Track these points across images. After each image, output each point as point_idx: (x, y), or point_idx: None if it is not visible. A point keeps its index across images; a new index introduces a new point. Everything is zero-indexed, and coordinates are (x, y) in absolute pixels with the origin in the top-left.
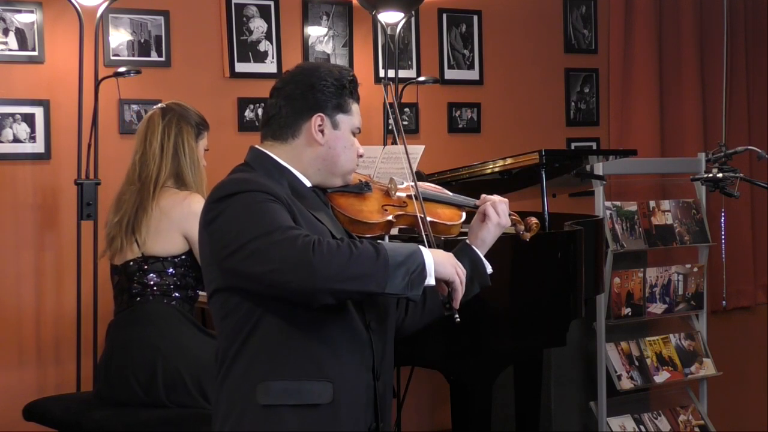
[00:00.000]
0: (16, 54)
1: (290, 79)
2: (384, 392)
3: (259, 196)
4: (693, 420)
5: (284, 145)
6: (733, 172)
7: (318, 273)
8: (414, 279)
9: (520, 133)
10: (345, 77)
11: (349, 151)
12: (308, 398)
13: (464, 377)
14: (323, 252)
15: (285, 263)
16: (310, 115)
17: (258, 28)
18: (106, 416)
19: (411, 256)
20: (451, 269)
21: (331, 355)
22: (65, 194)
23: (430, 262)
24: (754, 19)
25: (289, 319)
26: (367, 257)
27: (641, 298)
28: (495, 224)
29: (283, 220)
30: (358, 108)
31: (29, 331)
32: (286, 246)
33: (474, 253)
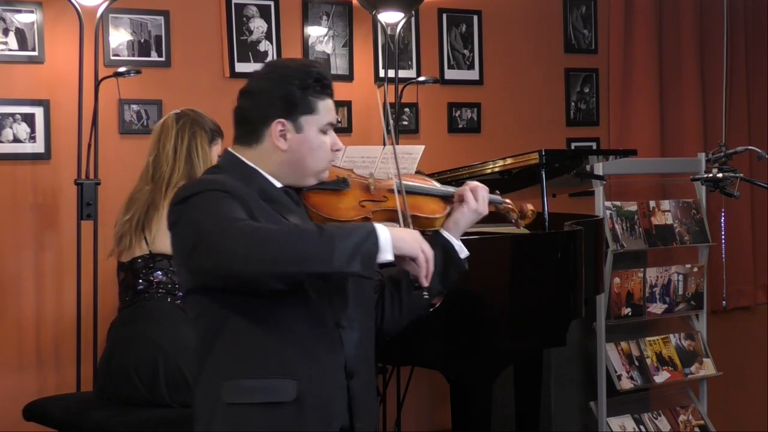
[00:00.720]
0: (16, 54)
1: (253, 82)
2: (361, 391)
3: (215, 194)
4: (693, 420)
5: (251, 149)
6: (733, 172)
7: (258, 258)
8: (365, 254)
9: (520, 133)
10: (308, 77)
11: (317, 152)
12: (272, 396)
13: (464, 377)
14: (263, 237)
15: (228, 254)
16: (271, 122)
17: (258, 28)
18: (106, 416)
19: (361, 233)
20: (413, 245)
21: (297, 353)
22: (65, 194)
23: (386, 237)
24: (754, 19)
25: (255, 317)
26: (310, 237)
27: (641, 298)
28: (471, 209)
29: (231, 212)
30: (330, 103)
31: (29, 331)
32: (228, 236)
33: (444, 239)
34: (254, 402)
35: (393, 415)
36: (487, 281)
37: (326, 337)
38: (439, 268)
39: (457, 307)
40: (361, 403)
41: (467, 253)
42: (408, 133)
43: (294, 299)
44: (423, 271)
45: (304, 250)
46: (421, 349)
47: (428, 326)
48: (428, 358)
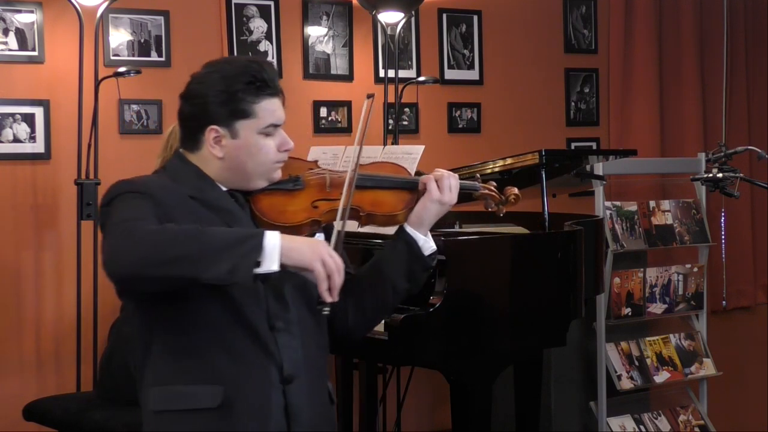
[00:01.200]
0: (16, 54)
1: (191, 85)
2: (302, 396)
3: (131, 196)
4: (693, 420)
5: (193, 154)
6: (733, 172)
7: (125, 259)
8: (240, 263)
9: (520, 133)
10: (239, 81)
11: (256, 157)
12: (194, 402)
13: (464, 377)
14: (136, 237)
15: (109, 255)
16: (205, 129)
17: (258, 28)
18: (106, 416)
19: (243, 239)
20: (309, 256)
21: (224, 358)
22: (65, 194)
23: (273, 245)
24: (754, 19)
25: (180, 323)
26: (184, 239)
27: (641, 298)
28: (434, 200)
29: (131, 215)
30: (272, 102)
31: (29, 331)
32: (112, 238)
33: (407, 235)
34: (177, 409)
35: (393, 415)
36: (487, 281)
37: (258, 341)
38: (405, 265)
39: (457, 307)
40: (304, 409)
41: (434, 248)
42: (408, 133)
43: (220, 303)
44: (322, 284)
45: (177, 254)
46: (421, 349)
47: (428, 326)
48: (428, 358)
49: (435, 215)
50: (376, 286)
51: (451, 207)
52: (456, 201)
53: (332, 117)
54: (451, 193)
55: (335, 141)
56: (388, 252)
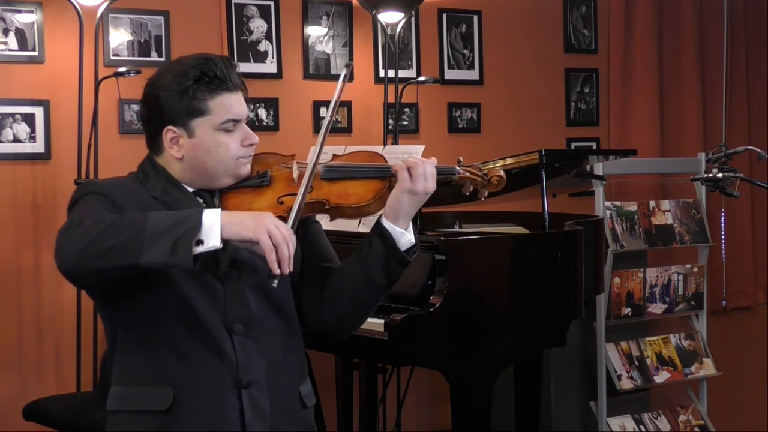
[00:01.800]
0: (16, 54)
1: (146, 87)
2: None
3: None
4: (693, 420)
5: (158, 157)
6: (733, 172)
7: (67, 252)
8: (179, 243)
9: (520, 133)
10: (186, 79)
11: (215, 154)
12: (144, 404)
13: (464, 377)
14: (75, 230)
15: (55, 250)
16: (161, 131)
17: (258, 28)
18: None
19: (180, 220)
20: (253, 227)
21: (177, 360)
22: (65, 194)
23: (212, 223)
24: (754, 19)
25: (137, 324)
26: (121, 228)
27: (641, 298)
28: (406, 190)
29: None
30: (228, 98)
31: (29, 331)
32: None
33: (382, 228)
34: (129, 410)
35: (393, 415)
36: (487, 281)
37: (214, 343)
38: (381, 260)
39: (457, 307)
40: (264, 415)
41: (412, 242)
42: (408, 133)
43: (173, 304)
44: (270, 255)
45: (113, 243)
46: (421, 349)
47: (428, 326)
48: (428, 358)
49: (411, 206)
50: (353, 282)
51: (428, 195)
52: (434, 189)
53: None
54: (426, 181)
55: (335, 141)
56: (365, 247)
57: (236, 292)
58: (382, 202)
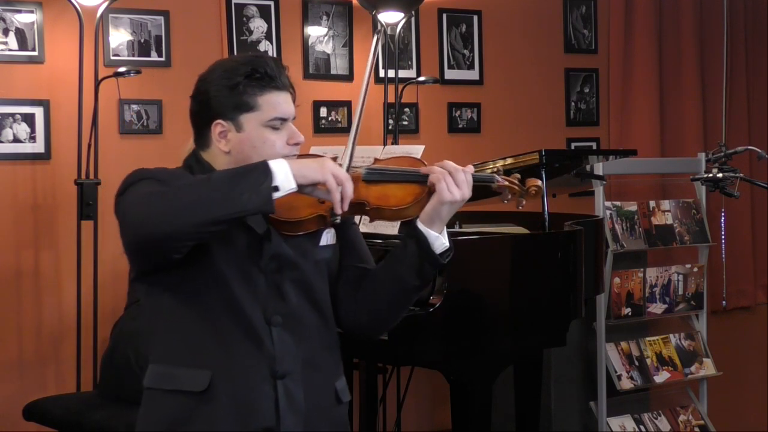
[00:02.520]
0: (16, 54)
1: (197, 84)
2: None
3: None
4: (693, 420)
5: (206, 153)
6: (733, 172)
7: (145, 219)
8: (261, 190)
9: (520, 133)
10: (238, 74)
11: (261, 150)
12: (181, 384)
13: (464, 377)
14: (150, 199)
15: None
16: (211, 124)
17: (258, 28)
18: (106, 416)
19: (250, 170)
20: (321, 170)
21: (216, 345)
22: (65, 194)
23: (282, 170)
24: (754, 19)
25: (181, 306)
26: (197, 185)
27: (641, 298)
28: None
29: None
30: (276, 96)
31: (29, 331)
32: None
33: (418, 232)
34: (164, 388)
35: (393, 415)
36: (487, 281)
37: (252, 334)
38: (415, 262)
39: (457, 307)
40: (296, 407)
41: (446, 246)
42: (408, 133)
43: (217, 292)
44: (335, 195)
45: (196, 199)
46: (421, 349)
47: (428, 326)
48: (428, 358)
49: (447, 212)
50: (387, 283)
51: (464, 202)
52: (470, 195)
53: (332, 117)
54: (461, 189)
55: (335, 141)
56: (400, 249)
57: (277, 286)
58: (420, 207)
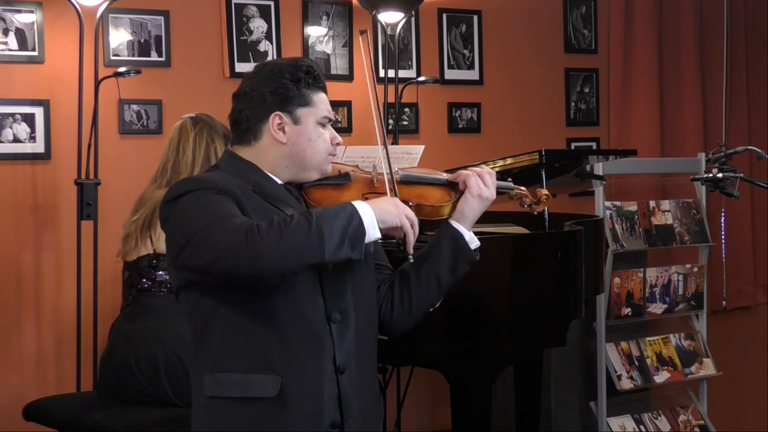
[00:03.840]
0: (16, 54)
1: (247, 82)
2: (354, 387)
3: (205, 192)
4: (693, 420)
5: (249, 148)
6: (733, 172)
7: (255, 254)
8: (353, 237)
9: (520, 133)
10: (299, 70)
11: (315, 143)
12: (252, 391)
13: (464, 377)
14: (256, 233)
15: (224, 250)
16: (268, 116)
17: (258, 28)
18: (106, 416)
19: (345, 216)
20: (395, 215)
21: (281, 347)
22: (65, 194)
23: (369, 216)
24: (754, 19)
25: (241, 311)
26: (300, 229)
27: (641, 298)
28: (476, 196)
29: (224, 209)
30: (324, 96)
31: (29, 331)
32: (222, 232)
33: (453, 229)
34: (233, 396)
35: (393, 415)
36: (488, 281)
37: (315, 331)
38: (450, 259)
39: (458, 307)
40: (354, 399)
41: (478, 244)
42: (408, 133)
43: (281, 293)
44: (410, 237)
45: (297, 243)
46: (421, 348)
47: (428, 326)
48: (428, 357)
49: (478, 211)
50: (421, 280)
51: (491, 202)
52: (494, 197)
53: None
54: (490, 188)
55: None
56: (434, 247)
57: (334, 282)
58: (453, 208)
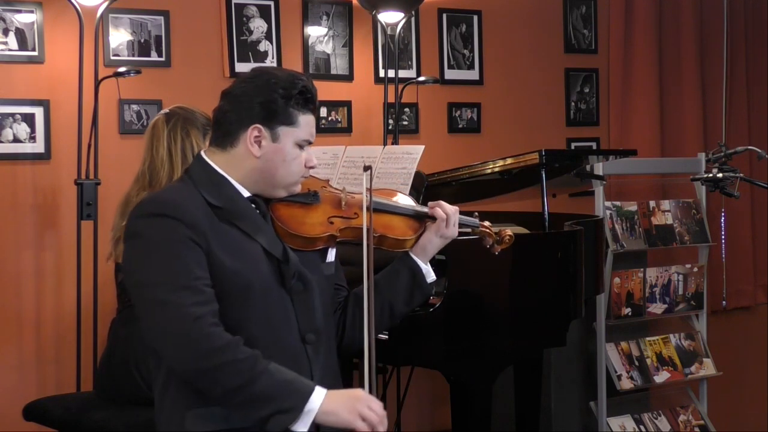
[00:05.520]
0: (16, 54)
1: (240, 84)
2: None
3: (174, 231)
4: (693, 420)
5: (224, 153)
6: (733, 172)
7: (185, 355)
8: (277, 417)
9: (520, 133)
10: (294, 88)
11: (289, 165)
12: (235, 422)
13: (464, 377)
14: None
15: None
16: (248, 126)
17: (258, 28)
18: (106, 416)
19: (288, 394)
20: (346, 417)
21: None
22: (65, 194)
23: (312, 408)
24: (754, 19)
25: None
26: (237, 370)
27: (641, 298)
28: (439, 236)
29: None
30: (311, 119)
31: (29, 330)
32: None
33: (412, 262)
34: (215, 430)
35: (393, 415)
36: (487, 281)
37: (291, 354)
38: (406, 291)
39: (457, 307)
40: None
41: (434, 278)
42: (408, 133)
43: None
44: None
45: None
46: (421, 349)
47: (428, 326)
48: (428, 358)
49: (438, 247)
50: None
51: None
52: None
53: (332, 117)
54: (455, 227)
55: (335, 141)
56: (392, 276)
57: (305, 303)
58: (417, 240)
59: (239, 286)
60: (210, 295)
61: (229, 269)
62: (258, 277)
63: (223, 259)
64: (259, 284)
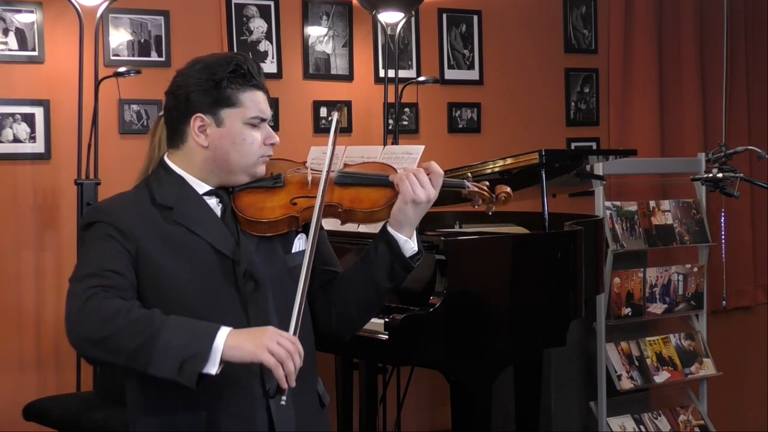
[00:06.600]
0: (16, 54)
1: (174, 80)
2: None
3: (101, 230)
4: (693, 420)
5: (178, 151)
6: (733, 172)
7: (78, 332)
8: (186, 365)
9: (520, 133)
10: (226, 67)
11: (241, 147)
12: (180, 429)
13: (464, 377)
14: (91, 313)
15: (68, 319)
16: (190, 118)
17: (258, 28)
18: (106, 416)
19: (192, 339)
20: (251, 350)
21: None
22: (65, 194)
23: (218, 346)
24: (754, 19)
25: None
26: (135, 331)
27: (641, 298)
28: (408, 201)
29: (98, 261)
30: (258, 95)
31: (29, 331)
32: (71, 296)
33: (388, 235)
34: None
35: (393, 415)
36: (487, 281)
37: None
38: (387, 265)
39: (457, 307)
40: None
41: (415, 250)
42: (408, 133)
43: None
44: (276, 372)
45: (124, 345)
46: (421, 349)
47: (428, 326)
48: (428, 358)
49: (414, 215)
50: (359, 285)
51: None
52: (435, 197)
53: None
54: (425, 189)
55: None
56: (371, 251)
57: (258, 304)
58: (391, 210)
59: (176, 285)
60: (117, 283)
61: (163, 268)
62: (200, 277)
63: (157, 258)
64: (202, 283)
